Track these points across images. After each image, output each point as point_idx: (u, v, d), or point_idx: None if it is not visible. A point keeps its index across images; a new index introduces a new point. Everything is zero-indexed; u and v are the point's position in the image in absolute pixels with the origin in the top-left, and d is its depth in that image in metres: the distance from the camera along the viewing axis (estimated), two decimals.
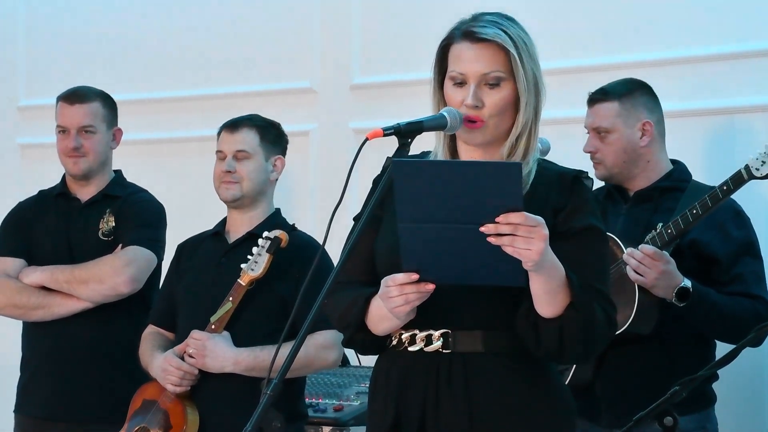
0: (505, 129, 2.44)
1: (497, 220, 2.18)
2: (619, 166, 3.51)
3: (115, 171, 4.06)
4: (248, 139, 3.59)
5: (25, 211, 4.04)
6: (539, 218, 2.22)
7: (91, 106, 3.95)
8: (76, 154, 3.93)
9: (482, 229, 2.19)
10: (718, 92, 3.95)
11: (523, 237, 2.19)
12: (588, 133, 3.56)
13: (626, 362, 3.41)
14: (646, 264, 3.30)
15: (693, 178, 3.57)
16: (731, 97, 3.93)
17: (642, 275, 3.32)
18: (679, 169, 3.59)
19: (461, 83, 2.43)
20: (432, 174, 2.20)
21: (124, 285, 3.80)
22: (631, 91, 3.51)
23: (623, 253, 3.37)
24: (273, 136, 3.63)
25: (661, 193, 3.53)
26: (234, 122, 3.64)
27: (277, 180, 3.64)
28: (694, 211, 3.31)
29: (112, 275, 3.79)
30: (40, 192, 4.11)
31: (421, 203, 2.20)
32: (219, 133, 3.67)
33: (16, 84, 5.54)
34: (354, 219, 2.50)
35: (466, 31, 2.44)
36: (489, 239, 2.19)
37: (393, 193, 2.22)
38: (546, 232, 2.21)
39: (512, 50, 2.40)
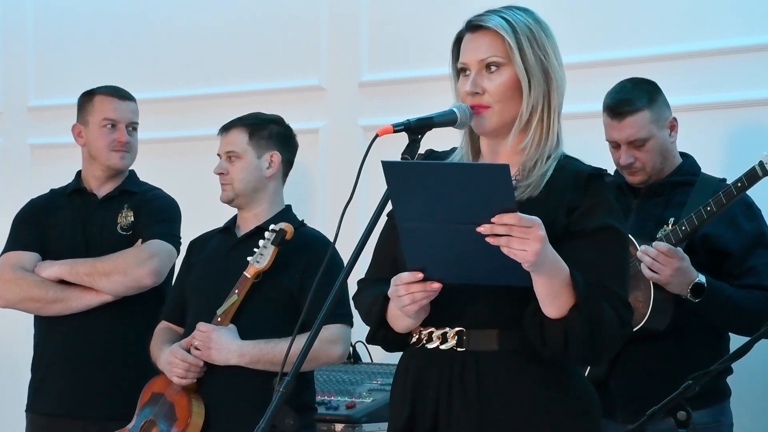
0: (513, 116, 2.44)
1: (492, 220, 2.17)
2: (657, 168, 3.51)
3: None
4: (237, 139, 3.62)
5: (37, 207, 4.05)
6: (535, 218, 2.20)
7: (135, 104, 4.03)
8: (125, 149, 3.96)
9: (479, 229, 2.18)
10: (734, 85, 3.94)
11: (518, 238, 2.18)
12: (614, 146, 3.52)
13: (641, 358, 3.40)
14: (660, 261, 3.30)
15: (708, 171, 3.57)
16: (747, 89, 3.91)
17: (656, 272, 3.31)
18: (688, 163, 3.59)
19: (467, 74, 2.45)
20: (423, 175, 2.19)
21: (148, 277, 3.80)
22: (652, 94, 3.50)
23: (637, 250, 3.36)
24: (267, 133, 3.62)
25: (672, 187, 3.53)
26: (227, 124, 3.67)
27: (275, 175, 3.62)
28: (708, 208, 3.30)
29: (136, 267, 3.79)
30: (52, 190, 4.12)
31: (417, 203, 2.20)
32: None
33: (25, 85, 5.55)
34: (387, 215, 2.50)
35: (469, 23, 2.46)
36: (487, 239, 2.19)
37: (389, 194, 2.23)
38: (542, 232, 2.19)
39: (506, 35, 2.40)
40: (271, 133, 3.63)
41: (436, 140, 2.52)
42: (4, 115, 5.61)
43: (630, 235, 3.38)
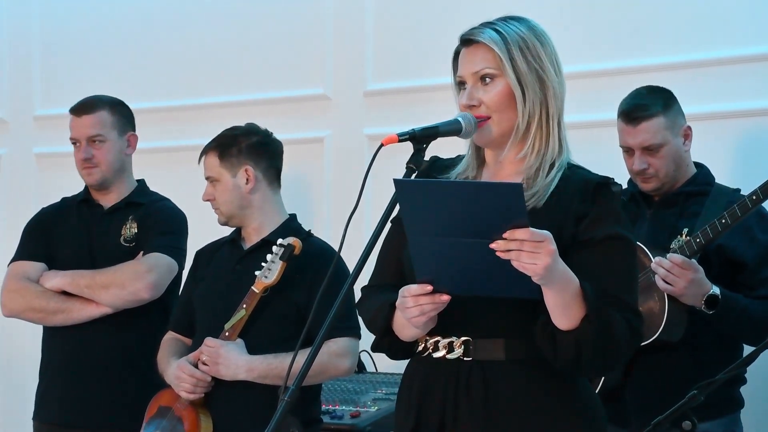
0: (512, 126, 2.45)
1: (504, 236, 2.19)
2: (670, 176, 3.51)
3: (138, 180, 4.08)
4: (211, 164, 3.62)
5: (47, 216, 4.07)
6: (546, 233, 2.21)
7: (97, 115, 3.95)
8: (89, 165, 3.95)
9: (491, 245, 2.19)
10: (747, 94, 3.93)
11: (529, 252, 2.19)
12: (627, 150, 3.52)
13: (655, 368, 3.40)
14: (674, 273, 3.29)
15: (720, 181, 3.56)
16: (760, 98, 3.90)
17: (671, 284, 3.31)
18: (703, 173, 3.58)
19: (464, 87, 2.47)
20: (435, 193, 2.21)
21: (145, 291, 3.80)
22: (668, 101, 3.50)
23: (651, 261, 3.35)
24: (236, 150, 3.60)
25: (686, 197, 3.52)
26: (202, 150, 3.66)
27: (256, 187, 3.58)
28: (723, 221, 3.30)
29: (134, 281, 3.79)
30: (63, 199, 4.13)
31: (428, 219, 2.21)
32: None
33: (31, 94, 5.56)
34: (392, 222, 2.49)
35: (462, 37, 2.49)
36: (498, 254, 2.20)
37: (400, 210, 2.23)
38: (553, 246, 2.21)
39: (495, 47, 2.42)
40: (240, 149, 3.60)
41: (441, 148, 2.53)
42: (10, 124, 5.62)
43: (644, 246, 3.38)
